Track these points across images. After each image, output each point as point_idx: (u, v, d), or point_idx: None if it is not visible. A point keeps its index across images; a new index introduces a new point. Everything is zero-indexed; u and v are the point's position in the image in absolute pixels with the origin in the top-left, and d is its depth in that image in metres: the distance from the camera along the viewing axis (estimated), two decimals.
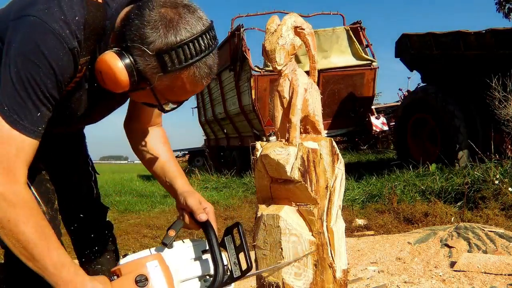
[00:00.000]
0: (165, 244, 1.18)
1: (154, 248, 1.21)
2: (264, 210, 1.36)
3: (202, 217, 1.25)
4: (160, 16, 0.97)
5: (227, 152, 10.04)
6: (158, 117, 1.40)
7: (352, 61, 7.32)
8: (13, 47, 0.98)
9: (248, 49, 7.16)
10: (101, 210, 1.67)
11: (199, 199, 1.30)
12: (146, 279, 1.08)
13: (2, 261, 1.38)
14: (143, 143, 1.37)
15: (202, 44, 0.99)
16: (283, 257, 1.31)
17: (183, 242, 1.27)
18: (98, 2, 1.05)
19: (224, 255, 1.22)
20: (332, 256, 1.32)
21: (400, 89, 11.26)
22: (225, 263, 1.21)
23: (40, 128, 1.01)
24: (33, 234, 0.96)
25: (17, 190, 0.97)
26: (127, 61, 0.98)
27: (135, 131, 1.39)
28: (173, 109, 1.12)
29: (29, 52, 0.96)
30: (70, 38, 0.99)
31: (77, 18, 1.01)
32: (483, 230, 2.80)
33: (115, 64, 0.98)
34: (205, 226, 1.28)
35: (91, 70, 1.09)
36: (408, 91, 10.11)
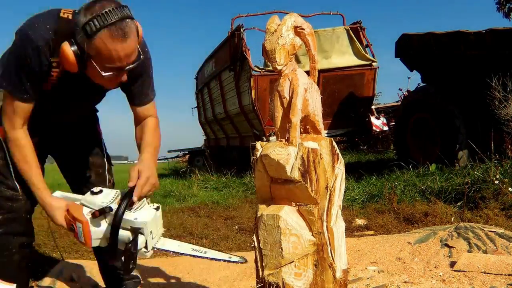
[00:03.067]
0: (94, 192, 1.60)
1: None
2: (264, 210, 1.36)
3: (129, 184, 1.56)
4: (84, 6, 1.41)
5: (227, 152, 10.04)
6: (148, 111, 1.77)
7: (353, 61, 7.31)
8: (10, 49, 1.55)
9: (248, 49, 7.16)
10: None
11: (138, 169, 1.59)
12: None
13: None
14: (138, 132, 1.77)
15: (110, 15, 1.36)
16: (283, 257, 1.31)
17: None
18: (68, 19, 1.48)
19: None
20: (332, 256, 1.32)
21: (400, 89, 11.27)
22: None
23: (26, 96, 1.53)
24: (20, 160, 1.59)
25: (15, 134, 1.57)
26: (74, 46, 1.41)
27: (137, 125, 1.80)
28: (112, 76, 1.47)
29: (15, 50, 1.51)
30: (37, 40, 1.45)
31: (47, 27, 1.47)
32: (483, 230, 2.80)
33: (67, 49, 1.42)
34: (129, 191, 1.54)
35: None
36: (408, 91, 10.11)
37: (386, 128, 9.45)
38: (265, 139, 6.39)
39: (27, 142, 1.59)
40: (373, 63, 7.36)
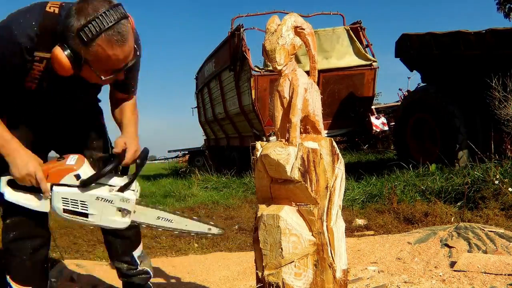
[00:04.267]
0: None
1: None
2: (264, 210, 1.36)
3: (116, 150, 1.57)
4: (74, 9, 1.34)
5: (227, 152, 10.04)
6: (128, 98, 1.77)
7: (354, 61, 7.31)
8: None
9: (248, 49, 7.16)
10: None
11: (125, 141, 1.61)
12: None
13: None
14: (118, 112, 1.77)
15: (106, 18, 1.30)
16: (283, 257, 1.31)
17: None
18: (54, 13, 1.43)
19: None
20: (332, 256, 1.32)
21: (400, 89, 11.27)
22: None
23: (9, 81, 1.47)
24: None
25: None
26: (68, 51, 1.35)
27: (113, 105, 1.79)
28: (110, 78, 1.45)
29: None
30: (19, 35, 1.40)
31: (33, 22, 1.41)
32: (483, 230, 2.80)
33: (60, 54, 1.36)
34: (111, 156, 1.58)
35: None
36: (408, 91, 10.10)
37: (386, 128, 9.44)
38: (265, 139, 6.39)
39: None
40: (373, 63, 7.35)
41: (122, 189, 1.55)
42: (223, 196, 6.08)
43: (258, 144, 1.39)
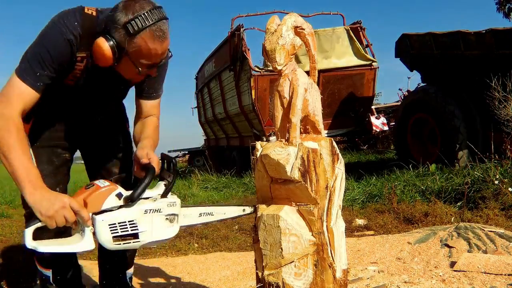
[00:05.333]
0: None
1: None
2: (264, 210, 1.36)
3: (143, 161, 1.55)
4: (122, 5, 1.46)
5: (227, 152, 10.04)
6: (153, 109, 1.81)
7: (354, 61, 7.30)
8: (37, 36, 1.53)
9: (248, 49, 7.15)
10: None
11: (147, 152, 1.59)
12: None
13: None
14: (139, 126, 1.79)
15: (151, 16, 1.43)
16: (283, 257, 1.31)
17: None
18: (92, 15, 1.55)
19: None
20: (332, 256, 1.32)
21: (400, 89, 11.28)
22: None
23: (38, 84, 1.49)
24: (13, 141, 1.39)
25: (9, 112, 1.42)
26: (111, 42, 1.46)
27: (137, 120, 1.83)
28: (145, 72, 1.54)
29: (43, 40, 1.51)
30: (67, 33, 1.50)
31: (75, 23, 1.52)
32: (483, 230, 2.80)
33: (103, 44, 1.46)
34: (146, 168, 1.50)
35: (92, 62, 1.56)
36: (408, 91, 10.11)
37: (386, 128, 9.45)
38: (265, 139, 6.39)
39: (18, 125, 1.43)
40: (373, 63, 7.35)
41: (165, 194, 1.44)
42: (223, 196, 6.08)
43: (258, 144, 1.39)
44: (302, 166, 1.27)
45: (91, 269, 2.70)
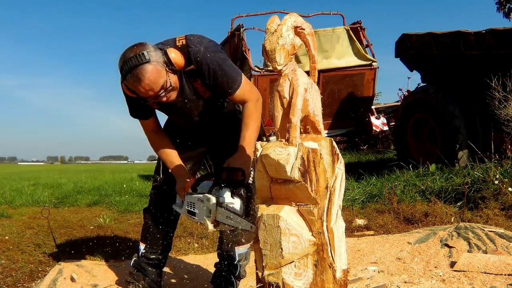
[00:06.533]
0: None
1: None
2: (264, 210, 1.36)
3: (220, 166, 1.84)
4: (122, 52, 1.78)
5: None
6: (242, 97, 1.96)
7: (354, 61, 7.29)
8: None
9: (248, 49, 7.14)
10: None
11: (230, 160, 1.83)
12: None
13: None
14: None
15: (128, 65, 1.70)
16: (283, 257, 1.31)
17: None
18: (182, 45, 1.85)
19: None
20: (332, 256, 1.32)
21: (400, 89, 11.27)
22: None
23: (146, 115, 2.03)
24: (164, 155, 2.08)
25: (149, 135, 2.10)
26: None
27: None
28: (154, 101, 1.85)
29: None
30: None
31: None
32: (483, 230, 2.80)
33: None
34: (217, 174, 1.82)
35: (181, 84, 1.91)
36: (408, 91, 10.11)
37: (386, 128, 9.45)
38: (265, 139, 6.39)
39: (158, 137, 2.09)
40: (373, 63, 7.34)
41: (209, 191, 1.77)
42: None
43: (258, 144, 1.39)
44: (302, 166, 1.27)
45: (91, 269, 2.70)
